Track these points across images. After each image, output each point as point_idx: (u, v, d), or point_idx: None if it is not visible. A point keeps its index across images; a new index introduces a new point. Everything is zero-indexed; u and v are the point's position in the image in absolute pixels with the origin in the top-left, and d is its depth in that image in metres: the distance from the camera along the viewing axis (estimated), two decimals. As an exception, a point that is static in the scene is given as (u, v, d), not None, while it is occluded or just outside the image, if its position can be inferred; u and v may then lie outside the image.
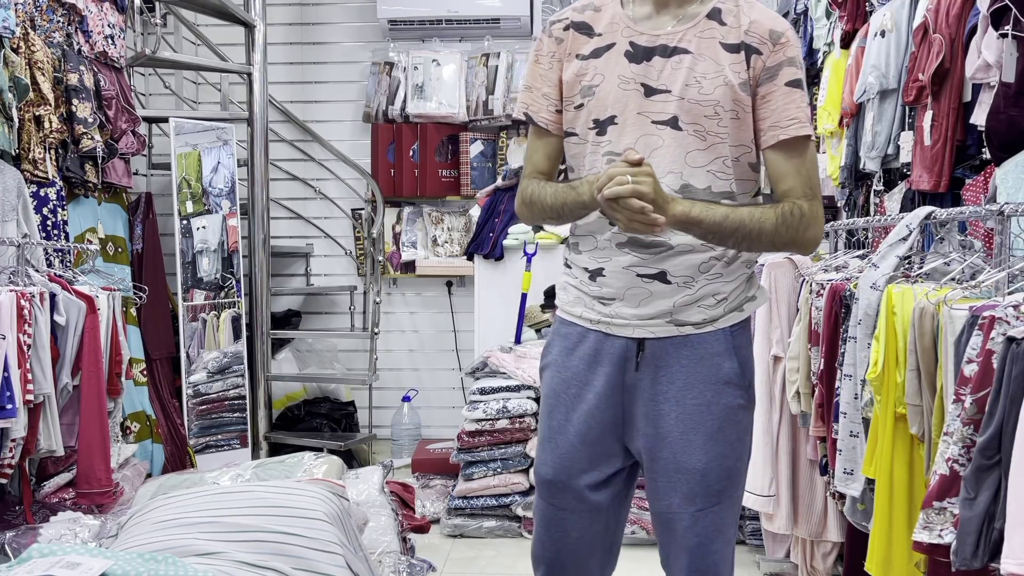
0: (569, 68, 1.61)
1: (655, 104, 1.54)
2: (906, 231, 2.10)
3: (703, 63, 1.52)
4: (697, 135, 1.53)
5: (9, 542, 2.51)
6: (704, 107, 1.52)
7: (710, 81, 1.51)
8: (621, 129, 1.56)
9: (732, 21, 1.53)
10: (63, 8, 3.52)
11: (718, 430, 1.57)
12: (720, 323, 1.58)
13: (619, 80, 1.56)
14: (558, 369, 1.66)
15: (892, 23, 2.86)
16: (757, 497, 2.79)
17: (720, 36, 1.52)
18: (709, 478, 1.57)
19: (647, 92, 1.54)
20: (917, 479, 1.88)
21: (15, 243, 2.85)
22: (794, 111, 1.52)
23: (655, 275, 1.56)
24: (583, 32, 1.60)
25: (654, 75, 1.54)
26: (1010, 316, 1.50)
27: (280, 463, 2.62)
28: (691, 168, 1.54)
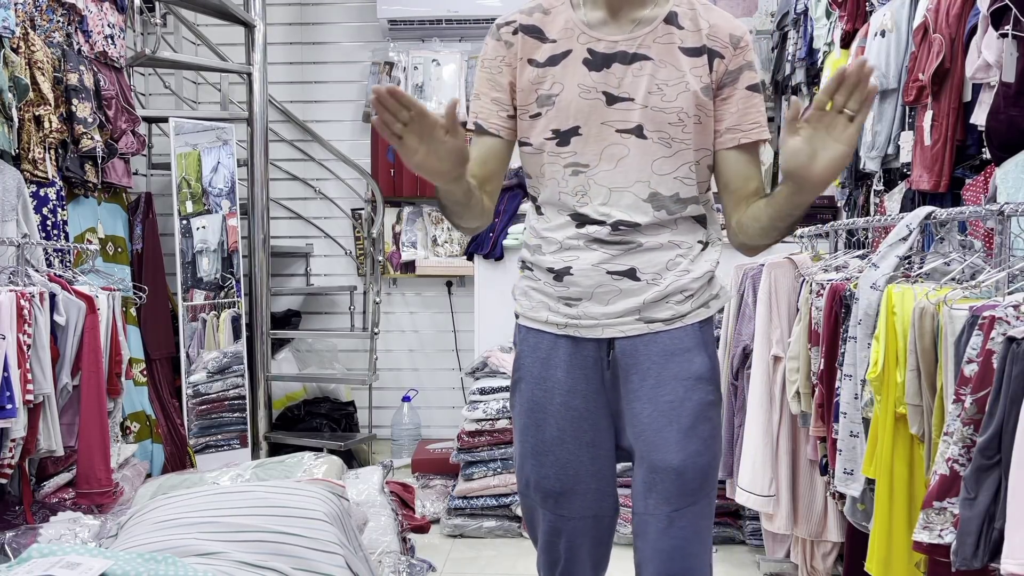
0: (523, 75, 1.56)
1: (618, 113, 1.51)
2: (906, 231, 2.10)
3: (664, 69, 1.50)
4: (662, 142, 1.52)
5: (9, 542, 2.51)
6: (668, 114, 1.51)
7: (672, 88, 1.50)
8: (585, 140, 1.53)
9: (690, 25, 1.52)
10: (63, 8, 3.52)
11: (691, 427, 1.55)
12: (688, 319, 1.58)
13: (579, 89, 1.52)
14: (537, 381, 1.62)
15: (892, 23, 2.86)
16: (757, 497, 2.79)
17: (679, 40, 1.51)
18: (685, 476, 1.54)
19: (609, 100, 1.51)
20: (917, 479, 1.88)
21: (15, 243, 2.85)
22: (754, 115, 1.54)
23: (624, 272, 1.55)
24: (534, 36, 1.56)
25: (615, 83, 1.51)
26: (1010, 316, 1.50)
27: (280, 463, 2.62)
28: (658, 176, 1.53)
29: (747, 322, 3.00)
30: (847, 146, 1.32)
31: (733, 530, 3.46)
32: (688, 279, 1.57)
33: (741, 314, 3.08)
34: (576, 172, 1.54)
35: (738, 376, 3.04)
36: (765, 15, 4.77)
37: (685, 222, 1.59)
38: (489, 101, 1.59)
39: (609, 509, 1.65)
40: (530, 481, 1.65)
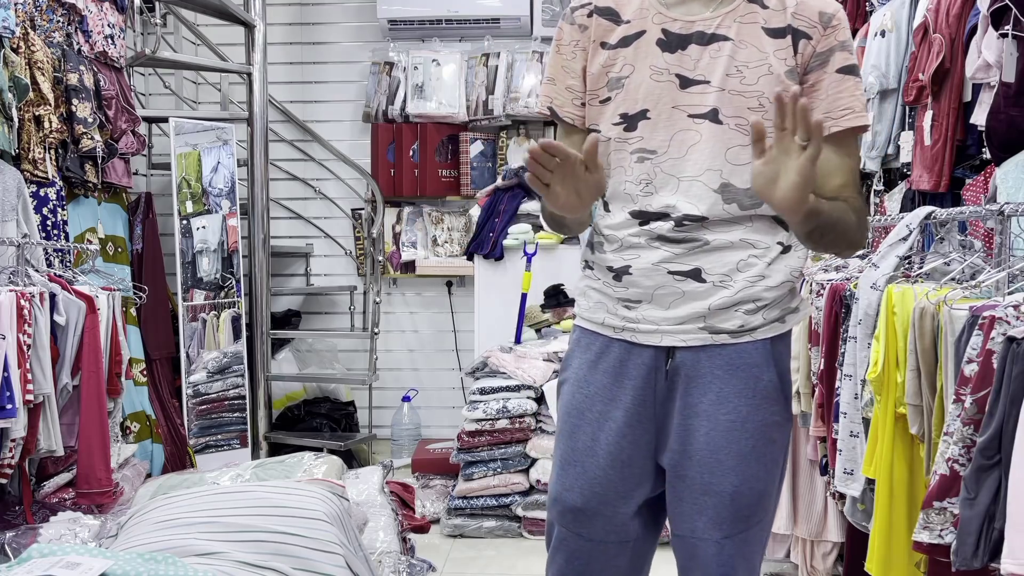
0: (595, 59, 1.47)
1: (692, 96, 1.41)
2: (906, 231, 2.10)
3: (745, 50, 1.39)
4: (739, 129, 1.39)
5: (9, 542, 2.51)
6: (748, 99, 1.39)
7: (753, 70, 1.39)
8: (654, 124, 1.42)
9: (775, 3, 1.40)
10: (63, 8, 3.52)
11: (752, 449, 1.42)
12: (759, 333, 1.43)
13: (651, 71, 1.42)
14: (580, 385, 1.50)
15: (892, 23, 2.86)
16: (757, 497, 2.79)
17: (763, 20, 1.40)
18: (739, 502, 1.42)
19: (683, 84, 1.41)
20: (917, 479, 1.88)
21: (15, 243, 2.85)
22: (847, 100, 1.39)
23: (688, 272, 1.41)
24: (608, 18, 1.47)
25: (690, 64, 1.40)
26: (1010, 316, 1.50)
27: (280, 463, 2.62)
28: (733, 166, 1.40)
29: (747, 322, 3.00)
30: (800, 177, 1.22)
31: (733, 530, 3.46)
32: (762, 287, 1.42)
33: (741, 314, 3.07)
34: (642, 159, 1.43)
35: (738, 376, 3.04)
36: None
37: (762, 220, 1.43)
38: (564, 89, 1.51)
39: (635, 534, 1.51)
40: (552, 493, 1.52)
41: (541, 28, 4.87)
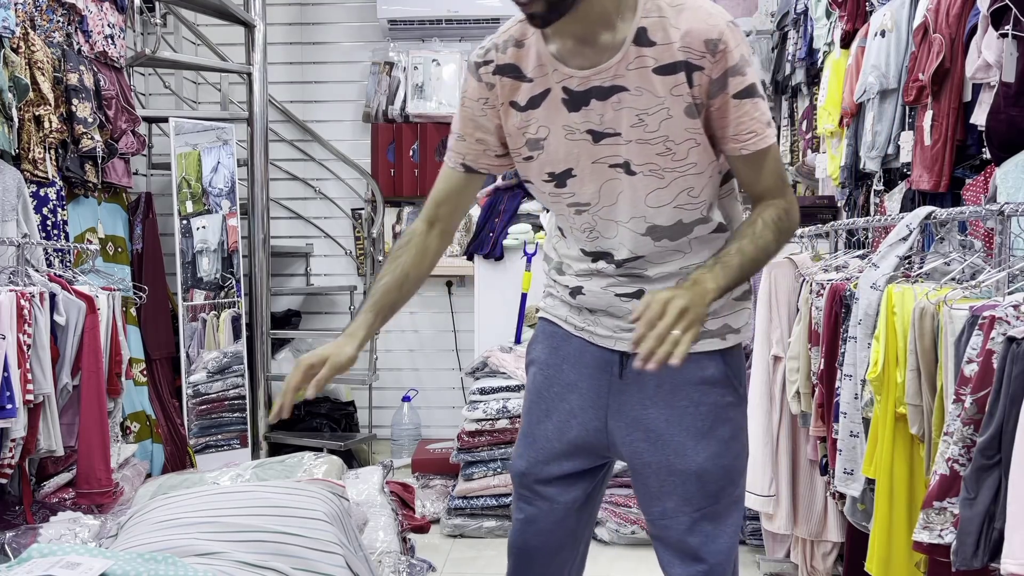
0: (509, 119, 1.50)
1: (606, 148, 1.44)
2: (906, 231, 2.10)
3: (642, 98, 1.39)
4: (653, 175, 1.43)
5: (9, 542, 2.51)
6: (654, 145, 1.41)
7: (653, 117, 1.40)
8: (581, 180, 1.48)
9: (661, 38, 1.36)
10: (63, 8, 3.52)
11: (709, 428, 1.53)
12: (703, 345, 1.52)
13: (564, 131, 1.45)
14: (542, 367, 1.65)
15: (892, 23, 2.86)
16: (757, 497, 2.79)
17: (652, 61, 1.37)
18: (704, 479, 1.53)
19: (596, 138, 1.44)
20: (917, 479, 1.88)
21: (15, 243, 2.85)
22: (748, 124, 1.40)
23: (633, 293, 1.53)
24: (513, 76, 1.48)
25: (597, 119, 1.42)
26: (1010, 316, 1.50)
27: (280, 463, 2.62)
28: (653, 209, 1.47)
29: (747, 322, 3.00)
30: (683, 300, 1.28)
31: (733, 530, 3.46)
32: None
33: (741, 314, 3.07)
34: (579, 211, 1.52)
35: (738, 376, 3.04)
36: (765, 15, 4.76)
37: (699, 242, 1.52)
38: (475, 142, 1.55)
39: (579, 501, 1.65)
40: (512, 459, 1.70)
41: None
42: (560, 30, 1.40)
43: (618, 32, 1.38)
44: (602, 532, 3.50)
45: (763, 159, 1.44)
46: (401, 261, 1.58)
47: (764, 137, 1.41)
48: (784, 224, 1.46)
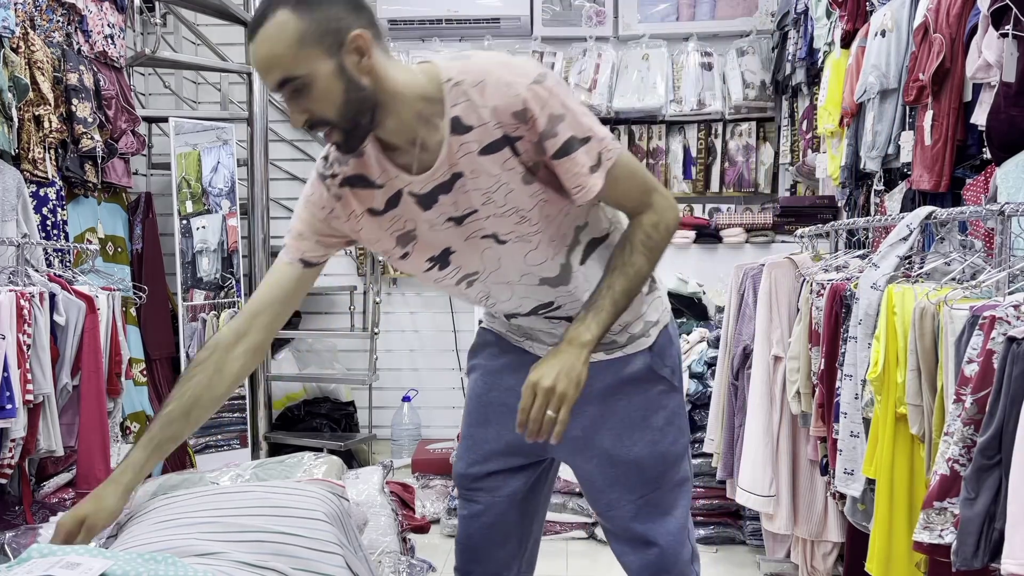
0: (368, 225, 1.48)
1: (472, 226, 1.45)
2: (906, 231, 2.10)
3: (480, 179, 1.39)
4: (521, 240, 1.45)
5: (9, 542, 2.51)
6: (509, 217, 1.42)
7: (497, 194, 1.40)
8: (461, 253, 1.49)
9: (476, 120, 1.35)
10: (63, 8, 3.52)
11: (643, 419, 1.59)
12: (629, 348, 1.60)
13: (427, 224, 1.46)
14: (483, 373, 1.71)
15: (892, 23, 2.86)
16: (757, 497, 2.79)
17: (476, 145, 1.36)
18: (643, 466, 1.59)
19: (458, 222, 1.44)
20: (917, 479, 1.88)
21: (15, 243, 2.85)
22: (573, 179, 1.38)
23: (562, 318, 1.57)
24: (363, 186, 1.46)
25: (451, 208, 1.43)
26: (1010, 316, 1.49)
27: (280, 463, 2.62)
28: (535, 266, 1.49)
29: (747, 322, 3.00)
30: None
31: (733, 530, 3.46)
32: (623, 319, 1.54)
33: (741, 314, 3.07)
34: (470, 283, 1.54)
35: (738, 376, 3.04)
36: (765, 15, 4.77)
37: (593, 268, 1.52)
38: (315, 243, 1.51)
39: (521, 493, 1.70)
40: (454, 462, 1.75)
41: (541, 28, 4.87)
42: (384, 139, 1.40)
43: (438, 128, 1.36)
44: (602, 532, 3.50)
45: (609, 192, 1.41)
46: (193, 383, 1.51)
47: (590, 189, 1.38)
48: (654, 240, 1.44)
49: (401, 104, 1.34)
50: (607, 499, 1.64)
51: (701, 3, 4.85)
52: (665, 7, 4.88)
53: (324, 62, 1.27)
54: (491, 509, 1.71)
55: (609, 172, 1.39)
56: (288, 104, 1.32)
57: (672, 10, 4.88)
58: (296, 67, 1.27)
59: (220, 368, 1.53)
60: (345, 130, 1.33)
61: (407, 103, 1.35)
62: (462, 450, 1.74)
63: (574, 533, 3.58)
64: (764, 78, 4.69)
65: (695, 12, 4.86)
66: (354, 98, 1.30)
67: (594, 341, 1.38)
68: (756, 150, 4.82)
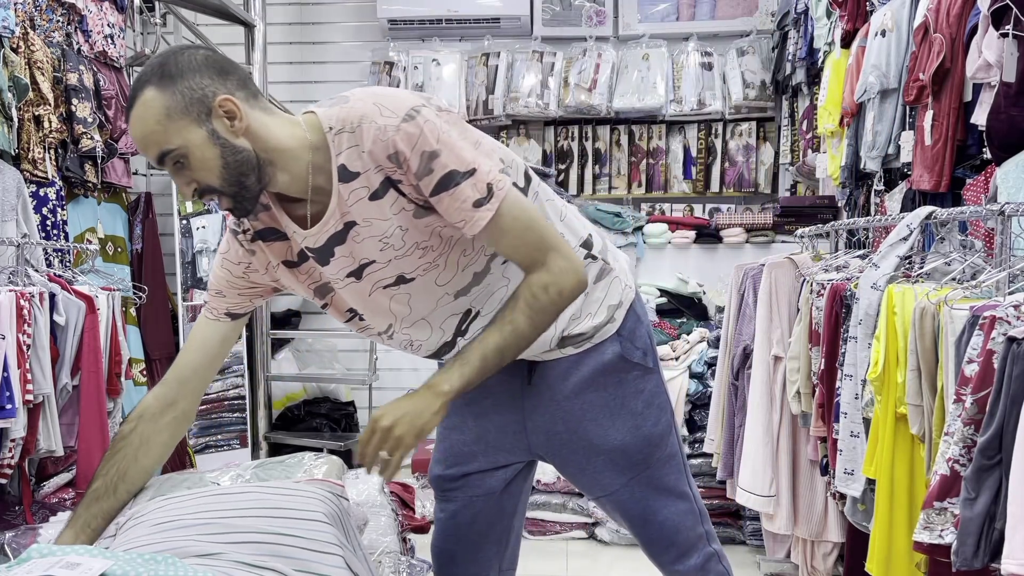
0: (285, 276, 1.50)
1: (373, 277, 1.43)
2: (907, 231, 2.10)
3: (373, 224, 1.38)
4: (429, 270, 1.43)
5: (9, 542, 2.51)
6: (410, 256, 1.40)
7: (393, 235, 1.38)
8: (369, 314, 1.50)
9: (360, 166, 1.34)
10: (63, 8, 3.52)
11: (621, 406, 1.60)
12: (597, 338, 1.58)
13: (332, 279, 1.45)
14: None
15: (892, 23, 2.86)
16: (757, 497, 2.79)
17: (364, 191, 1.36)
18: (629, 451, 1.61)
19: (357, 274, 1.43)
20: (918, 479, 1.88)
21: (15, 243, 2.84)
22: (455, 214, 1.34)
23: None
24: (274, 238, 1.47)
25: (348, 261, 1.42)
26: (1011, 316, 1.49)
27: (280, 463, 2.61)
28: (447, 283, 1.46)
29: (747, 322, 3.00)
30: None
31: (733, 530, 3.46)
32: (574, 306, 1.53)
33: (741, 314, 3.07)
34: (391, 335, 1.54)
35: (738, 376, 3.04)
36: (765, 14, 4.76)
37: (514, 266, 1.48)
38: (237, 297, 1.52)
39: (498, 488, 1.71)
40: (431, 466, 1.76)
41: (541, 28, 4.87)
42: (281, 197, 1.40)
43: (330, 177, 1.36)
44: (602, 532, 3.50)
45: (495, 232, 1.36)
46: (118, 458, 1.52)
47: (475, 222, 1.34)
48: (541, 302, 1.37)
49: (287, 158, 1.35)
50: (599, 484, 1.65)
51: (701, 3, 4.85)
52: (665, 7, 4.88)
53: (195, 131, 1.29)
54: (469, 509, 1.71)
55: (499, 212, 1.34)
56: (174, 178, 1.34)
57: (672, 10, 4.88)
58: (168, 140, 1.29)
59: (146, 440, 1.55)
60: (232, 195, 1.34)
61: (293, 156, 1.35)
62: (438, 453, 1.74)
63: (574, 533, 3.58)
64: (764, 78, 4.69)
65: (695, 12, 4.86)
66: (232, 161, 1.31)
67: (452, 393, 1.33)
68: (756, 150, 4.82)
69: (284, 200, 1.43)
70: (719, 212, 4.54)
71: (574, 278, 1.39)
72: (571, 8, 4.87)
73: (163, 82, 1.28)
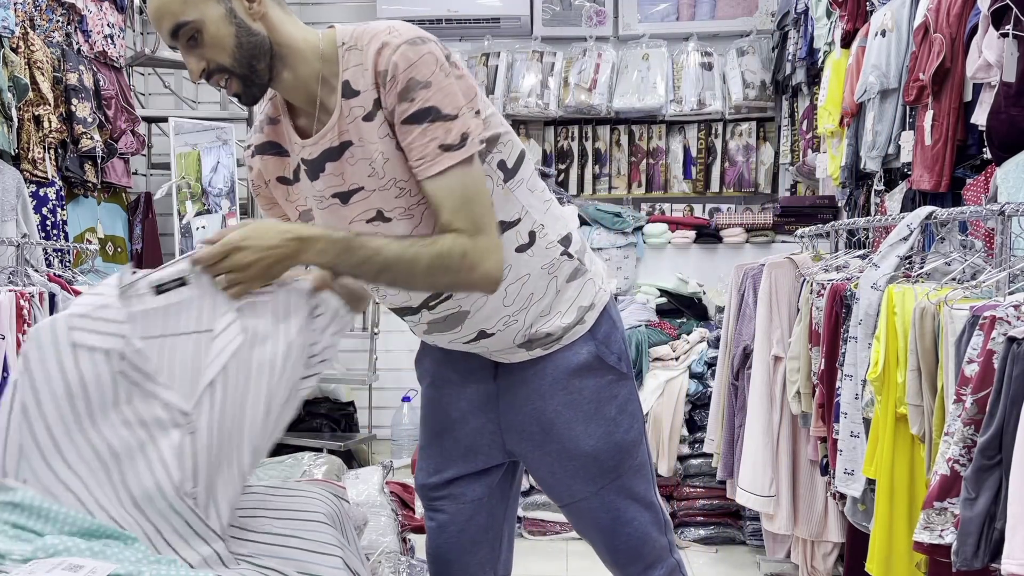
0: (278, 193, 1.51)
1: (358, 206, 1.40)
2: (907, 231, 2.10)
3: (364, 148, 1.35)
4: (405, 217, 1.39)
5: (9, 542, 2.51)
6: (389, 191, 1.37)
7: (378, 163, 1.35)
8: None
9: (363, 85, 1.32)
10: (62, 8, 3.52)
11: (595, 411, 1.57)
12: (566, 339, 1.55)
13: (316, 201, 1.43)
14: (433, 380, 1.70)
15: (893, 23, 2.86)
16: (757, 497, 2.79)
17: (360, 111, 1.34)
18: (601, 458, 1.58)
19: (344, 199, 1.40)
20: (918, 479, 1.88)
21: (15, 243, 2.84)
22: (417, 150, 1.31)
23: (477, 336, 1.53)
24: (274, 153, 1.47)
25: (337, 181, 1.39)
26: (1011, 316, 1.49)
27: (280, 463, 2.62)
28: None
29: (747, 322, 3.00)
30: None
31: (733, 530, 3.46)
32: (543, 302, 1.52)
33: (741, 314, 3.08)
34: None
35: (738, 376, 3.04)
36: (765, 14, 4.77)
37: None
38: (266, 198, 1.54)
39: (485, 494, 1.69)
40: (416, 474, 1.75)
41: (541, 28, 4.87)
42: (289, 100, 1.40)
43: (335, 91, 1.35)
44: (602, 532, 3.49)
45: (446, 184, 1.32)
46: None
47: (430, 165, 1.31)
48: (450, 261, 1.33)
49: (298, 59, 1.35)
50: (569, 491, 1.63)
51: (701, 3, 4.85)
52: (665, 7, 4.88)
53: (213, 6, 1.29)
54: (457, 517, 1.69)
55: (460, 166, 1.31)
56: (184, 56, 1.33)
57: (672, 10, 4.88)
58: (185, 13, 1.28)
59: None
60: (242, 77, 1.33)
61: (304, 59, 1.36)
62: (423, 461, 1.73)
63: (574, 533, 3.58)
64: (764, 78, 4.69)
65: (695, 12, 4.86)
66: (246, 42, 1.31)
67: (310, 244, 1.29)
68: (756, 150, 4.82)
69: (291, 112, 1.43)
70: (719, 212, 4.54)
71: (492, 266, 1.35)
72: (571, 8, 4.87)
73: None
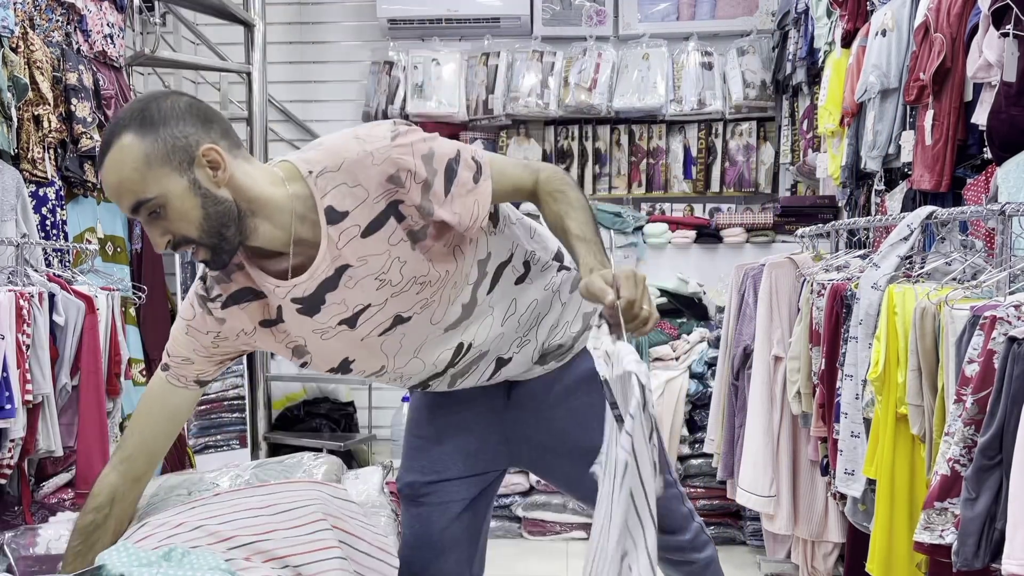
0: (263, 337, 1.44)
1: (368, 325, 1.39)
2: (907, 231, 2.10)
3: (370, 263, 1.33)
4: (427, 307, 1.40)
5: (8, 542, 2.51)
6: (408, 291, 1.36)
7: (391, 270, 1.34)
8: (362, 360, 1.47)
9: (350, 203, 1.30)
10: (62, 7, 3.51)
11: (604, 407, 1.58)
12: (576, 347, 1.60)
13: (318, 335, 1.40)
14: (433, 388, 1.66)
15: (893, 22, 2.86)
16: (758, 498, 2.79)
17: (357, 230, 1.31)
18: None
19: (351, 323, 1.39)
20: (918, 479, 1.87)
21: (14, 243, 2.84)
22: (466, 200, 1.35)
23: (496, 368, 1.55)
24: (249, 299, 1.41)
25: (341, 308, 1.37)
26: (1011, 316, 1.49)
27: (279, 463, 2.61)
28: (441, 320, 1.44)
29: (748, 322, 3.00)
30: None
31: (734, 530, 3.46)
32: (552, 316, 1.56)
33: (742, 314, 3.07)
34: (379, 375, 1.50)
35: (739, 376, 3.04)
36: (766, 14, 4.76)
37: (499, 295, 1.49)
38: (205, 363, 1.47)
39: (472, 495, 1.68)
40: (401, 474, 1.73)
41: (541, 27, 4.87)
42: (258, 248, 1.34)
43: (316, 223, 1.31)
44: (602, 532, 3.49)
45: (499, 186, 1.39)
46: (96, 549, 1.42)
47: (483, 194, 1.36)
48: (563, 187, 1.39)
49: (271, 208, 1.30)
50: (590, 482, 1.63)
51: (701, 3, 4.85)
52: (665, 6, 4.88)
53: (176, 180, 1.24)
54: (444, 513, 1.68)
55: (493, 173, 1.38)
56: (147, 228, 1.28)
57: (672, 9, 4.88)
58: (146, 189, 1.24)
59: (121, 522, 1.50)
60: (211, 246, 1.29)
61: (277, 206, 1.31)
62: (410, 461, 1.70)
63: (574, 533, 3.57)
64: (764, 78, 4.69)
65: (695, 12, 4.86)
66: (213, 212, 1.27)
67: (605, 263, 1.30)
68: (756, 150, 4.82)
69: (258, 256, 1.38)
70: (719, 212, 4.53)
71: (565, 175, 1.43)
72: (571, 8, 4.86)
73: (144, 128, 1.23)
